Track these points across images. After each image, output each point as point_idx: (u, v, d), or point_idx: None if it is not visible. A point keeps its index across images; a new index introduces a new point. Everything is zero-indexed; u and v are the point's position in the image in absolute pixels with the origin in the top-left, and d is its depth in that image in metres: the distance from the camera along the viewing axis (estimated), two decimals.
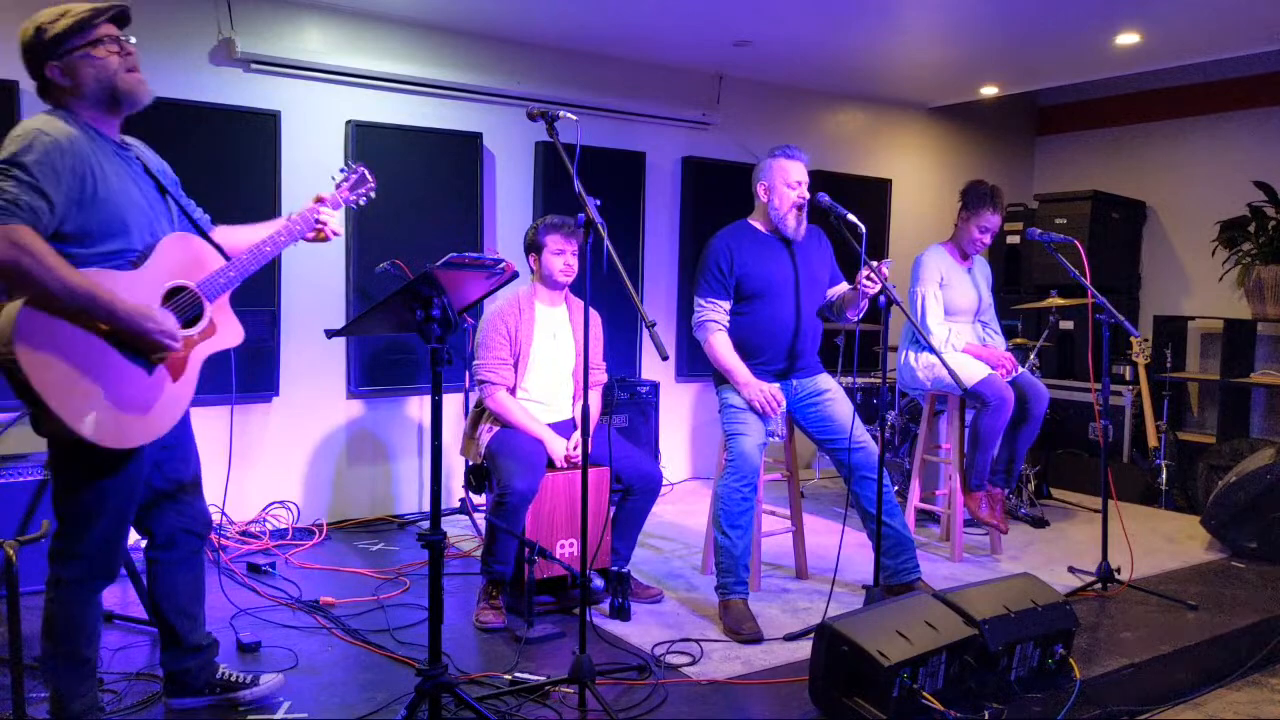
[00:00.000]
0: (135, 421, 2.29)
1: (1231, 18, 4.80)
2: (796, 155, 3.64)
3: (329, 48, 4.76)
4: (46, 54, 2.28)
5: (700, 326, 3.69)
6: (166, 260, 2.37)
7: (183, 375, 2.40)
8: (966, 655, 2.81)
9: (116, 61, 2.33)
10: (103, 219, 2.26)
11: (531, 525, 3.48)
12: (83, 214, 2.22)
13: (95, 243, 2.25)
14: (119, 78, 2.33)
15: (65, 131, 2.23)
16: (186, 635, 2.70)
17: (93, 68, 2.30)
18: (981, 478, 4.39)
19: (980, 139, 7.36)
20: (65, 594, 2.39)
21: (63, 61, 2.29)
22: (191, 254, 2.44)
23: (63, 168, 2.18)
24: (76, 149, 2.23)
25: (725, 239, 3.70)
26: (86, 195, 2.22)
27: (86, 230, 2.24)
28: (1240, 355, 6.23)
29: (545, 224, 3.68)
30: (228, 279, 2.46)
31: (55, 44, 2.27)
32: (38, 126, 2.21)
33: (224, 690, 2.75)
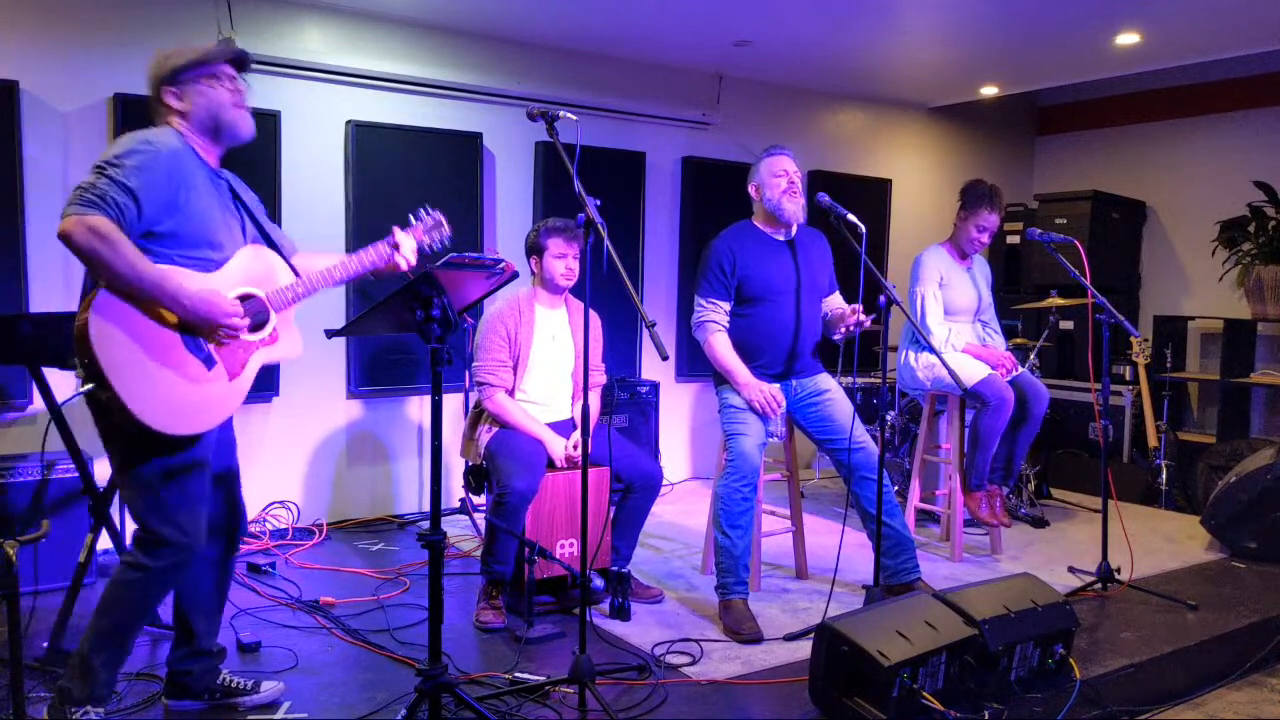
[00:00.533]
0: (187, 410, 2.41)
1: (1231, 18, 4.81)
2: (778, 151, 3.69)
3: (329, 48, 4.76)
4: (166, 80, 2.50)
5: (700, 327, 3.69)
6: (240, 268, 2.54)
7: (239, 375, 2.53)
8: (966, 655, 2.81)
9: (227, 96, 2.54)
10: (191, 228, 2.44)
11: (531, 525, 3.48)
12: (174, 219, 2.40)
13: (183, 246, 2.43)
14: (226, 110, 2.53)
15: (169, 145, 2.43)
16: (201, 636, 2.73)
17: (204, 97, 2.51)
18: (981, 478, 4.39)
19: (980, 139, 7.37)
20: (149, 579, 2.46)
21: (179, 88, 2.50)
22: (264, 266, 2.60)
23: (159, 174, 2.36)
24: (177, 161, 2.42)
25: (728, 240, 3.70)
26: (180, 202, 2.41)
27: (176, 234, 2.41)
28: (1240, 355, 6.23)
29: (547, 227, 3.67)
30: (295, 294, 2.62)
31: (176, 72, 2.49)
32: (146, 136, 2.41)
33: (225, 696, 2.77)
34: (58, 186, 4.16)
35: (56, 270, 4.15)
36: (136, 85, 4.22)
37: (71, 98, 4.18)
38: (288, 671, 3.02)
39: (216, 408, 2.47)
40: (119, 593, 2.47)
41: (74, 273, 4.19)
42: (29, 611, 3.38)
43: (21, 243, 4.04)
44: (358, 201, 4.81)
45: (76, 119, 4.19)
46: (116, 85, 4.22)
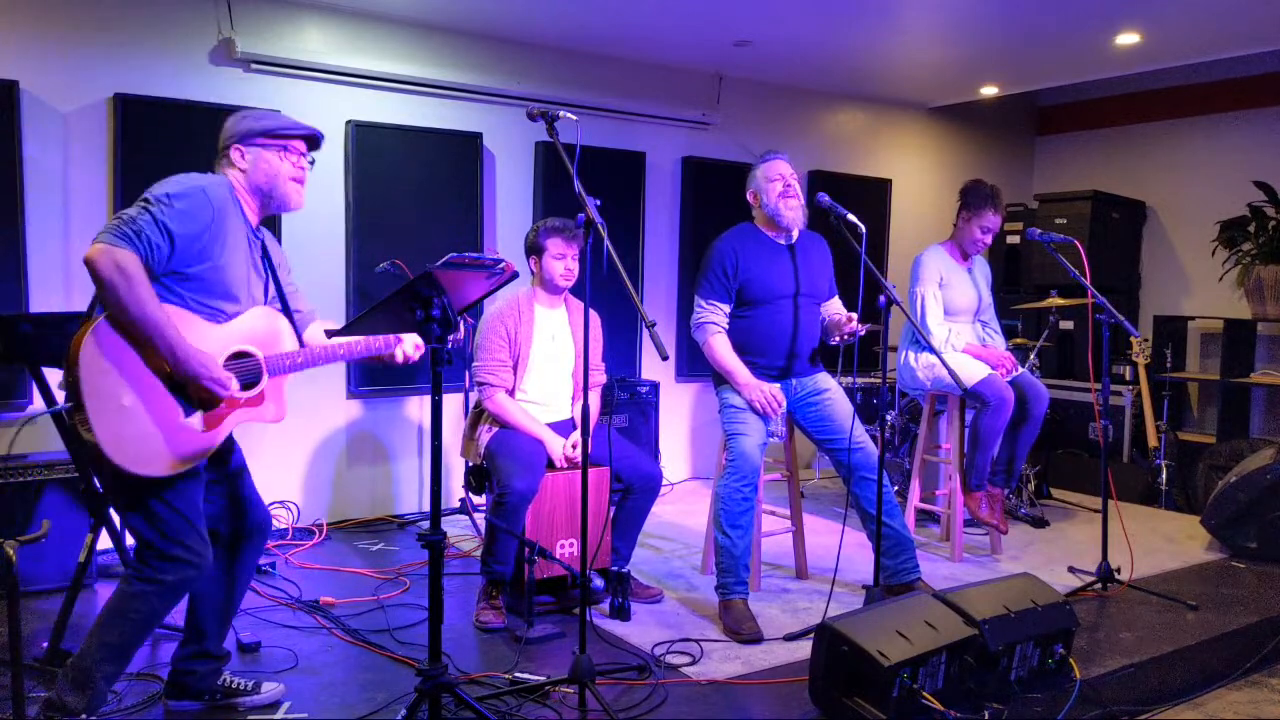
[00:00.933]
0: (152, 452, 2.38)
1: (1231, 18, 4.80)
2: (773, 156, 3.72)
3: (329, 48, 4.76)
4: (238, 138, 2.58)
5: (699, 328, 3.69)
6: (246, 326, 2.57)
7: (216, 429, 2.51)
8: (966, 655, 2.81)
9: (289, 170, 2.62)
10: (216, 278, 2.48)
11: (531, 525, 3.48)
12: (203, 265, 2.44)
13: (203, 293, 2.46)
14: (282, 183, 2.62)
15: (219, 196, 2.49)
16: (211, 638, 2.73)
17: (267, 164, 2.59)
18: (981, 478, 4.39)
19: (980, 139, 7.37)
20: (153, 593, 2.45)
21: (246, 148, 2.58)
22: (270, 328, 2.63)
23: (202, 220, 2.42)
24: (221, 213, 2.47)
25: (731, 241, 3.71)
26: (214, 252, 2.45)
27: (202, 280, 2.46)
28: (1240, 355, 6.23)
29: (546, 227, 3.67)
30: (293, 362, 2.64)
31: (249, 135, 2.58)
32: (203, 184, 2.47)
33: (225, 697, 2.77)
34: (58, 186, 4.16)
35: (56, 270, 4.16)
36: (136, 85, 4.24)
37: (71, 98, 4.18)
38: (288, 671, 3.02)
39: (182, 453, 2.44)
40: (127, 605, 2.45)
41: (74, 273, 4.19)
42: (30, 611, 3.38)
43: (21, 243, 4.04)
44: (358, 201, 4.81)
45: (76, 119, 4.19)
46: (116, 85, 4.22)
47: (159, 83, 4.32)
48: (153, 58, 4.33)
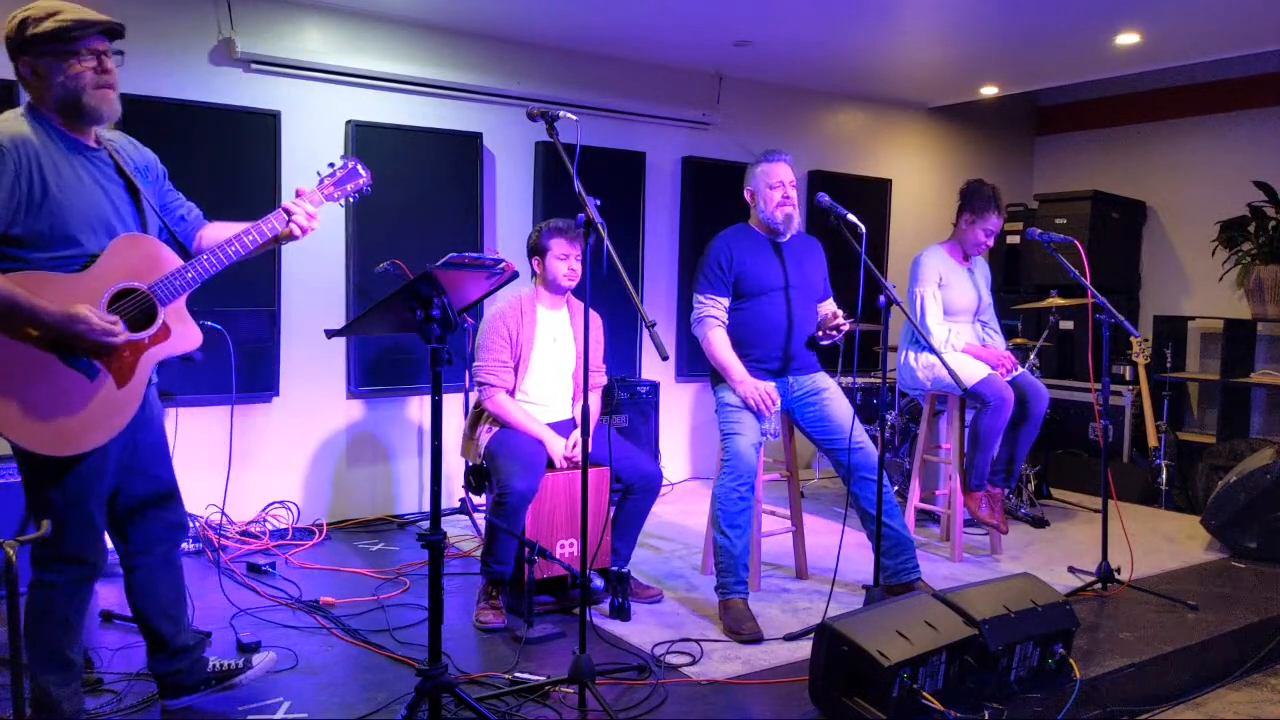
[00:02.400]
0: (75, 427, 2.24)
1: (1231, 18, 4.80)
2: (776, 157, 3.71)
3: (329, 48, 4.76)
4: (21, 49, 2.25)
5: (699, 322, 3.71)
6: (116, 262, 2.30)
7: (131, 379, 2.32)
8: (966, 655, 2.81)
9: (90, 76, 2.27)
10: (55, 223, 2.22)
11: (531, 525, 3.48)
12: (31, 217, 2.19)
13: (48, 247, 2.22)
14: (86, 92, 2.27)
15: (13, 133, 2.20)
16: (172, 638, 2.66)
17: (62, 75, 2.25)
18: (981, 478, 4.39)
19: (980, 139, 7.36)
20: (53, 598, 2.38)
21: (36, 61, 2.25)
22: (145, 255, 2.35)
23: (3, 171, 2.15)
24: (24, 152, 2.19)
25: (725, 239, 3.76)
26: (35, 199, 2.19)
27: (37, 234, 2.21)
28: (1240, 355, 6.23)
29: (550, 228, 3.67)
30: (184, 281, 2.37)
31: (32, 42, 2.24)
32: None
33: (219, 680, 2.72)
34: None
35: None
36: (136, 85, 4.24)
37: None
38: (288, 671, 3.02)
39: (108, 420, 2.29)
40: (34, 613, 2.37)
41: None
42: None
43: None
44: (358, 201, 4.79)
45: None
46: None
47: (159, 83, 4.32)
48: (153, 58, 4.33)
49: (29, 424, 2.19)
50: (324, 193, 2.64)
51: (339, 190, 2.67)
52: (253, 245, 2.47)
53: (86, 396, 2.25)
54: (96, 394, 2.27)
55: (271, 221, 2.50)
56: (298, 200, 2.56)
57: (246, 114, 4.48)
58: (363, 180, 2.71)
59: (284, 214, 2.52)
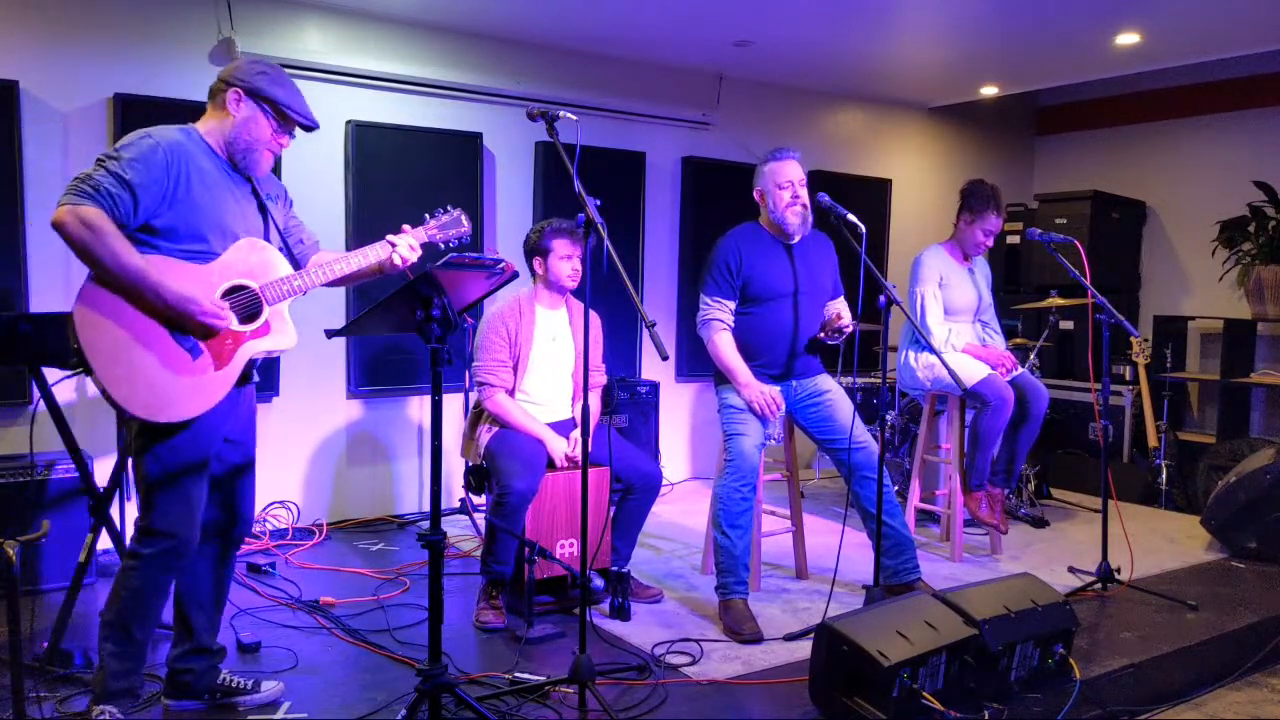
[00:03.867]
0: (170, 397, 2.43)
1: (1231, 18, 4.80)
2: (785, 155, 3.67)
3: (329, 48, 4.76)
4: (242, 85, 2.54)
5: (705, 324, 3.69)
6: (236, 260, 2.54)
7: (226, 366, 2.53)
8: (966, 655, 2.81)
9: (273, 144, 2.60)
10: (190, 221, 2.46)
11: (531, 525, 3.48)
12: (172, 212, 2.43)
13: (180, 240, 2.46)
14: (260, 147, 2.58)
15: (173, 138, 2.47)
16: (200, 633, 2.72)
17: (255, 124, 2.56)
18: (981, 478, 4.39)
19: (980, 139, 7.37)
20: (137, 569, 2.51)
21: (245, 100, 2.54)
22: (262, 259, 2.59)
23: (156, 165, 2.39)
24: (177, 153, 2.45)
25: (735, 239, 3.71)
26: (178, 195, 2.43)
27: (174, 228, 2.44)
28: (1240, 355, 6.23)
29: (552, 228, 3.67)
30: (291, 287, 2.61)
31: (258, 91, 2.54)
32: (149, 131, 2.45)
33: (225, 695, 2.77)
34: (58, 186, 4.11)
35: (57, 270, 4.15)
36: (136, 85, 4.24)
37: (71, 98, 4.18)
38: (288, 671, 3.02)
39: (200, 395, 2.48)
40: (118, 582, 2.52)
41: (74, 272, 4.19)
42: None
43: (21, 242, 4.04)
44: (358, 202, 4.81)
45: (76, 119, 4.19)
46: (116, 85, 4.22)
47: (159, 83, 4.32)
48: (153, 58, 4.33)
49: (131, 384, 2.38)
50: (428, 233, 2.86)
51: (441, 233, 2.90)
52: (355, 268, 2.71)
53: (186, 371, 2.46)
54: (195, 371, 2.47)
55: (375, 249, 2.74)
56: (402, 234, 2.79)
57: None
58: (464, 230, 2.93)
59: (388, 244, 2.74)
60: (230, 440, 2.67)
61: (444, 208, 2.94)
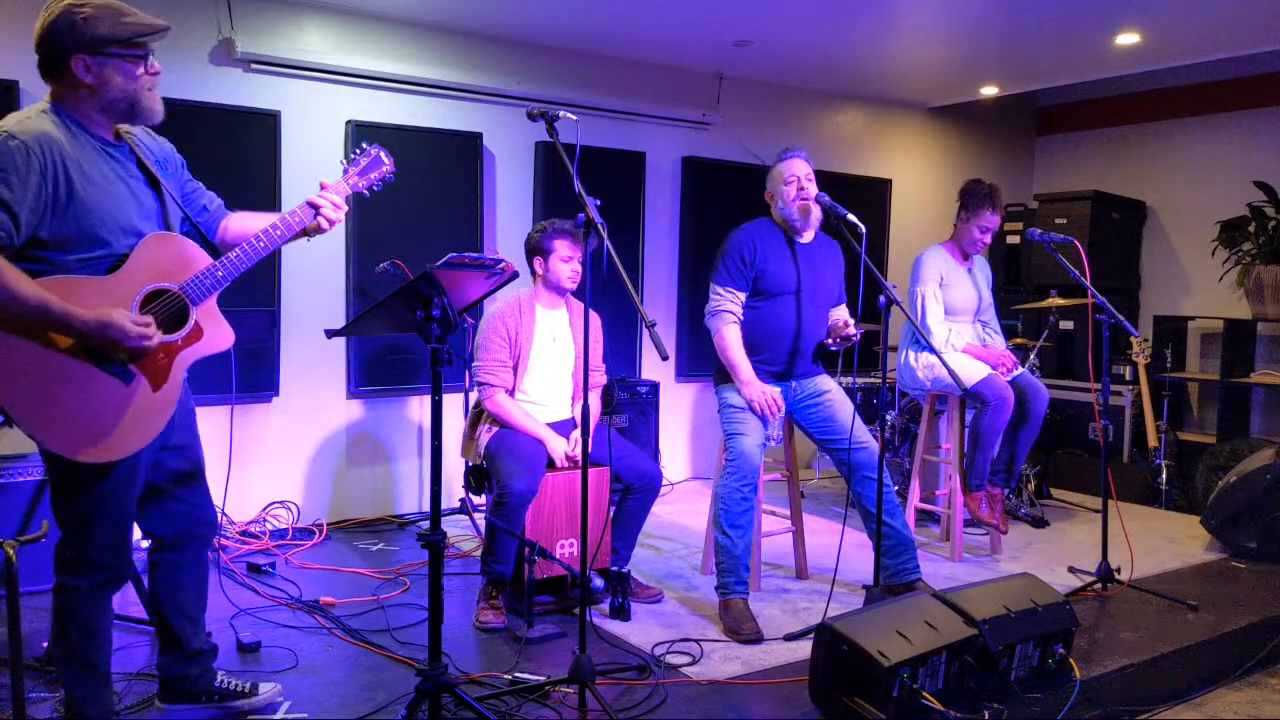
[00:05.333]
0: (111, 434, 2.21)
1: (1231, 18, 4.80)
2: (792, 154, 3.69)
3: (329, 48, 4.76)
4: (79, 45, 2.19)
5: (715, 315, 3.68)
6: (145, 262, 2.26)
7: (166, 382, 2.30)
8: (966, 655, 2.81)
9: (147, 80, 2.28)
10: (81, 224, 2.18)
11: (531, 525, 3.47)
12: (58, 220, 2.15)
13: (75, 249, 2.18)
14: (143, 95, 2.27)
15: (39, 130, 2.15)
16: (188, 639, 2.66)
17: (122, 76, 2.23)
18: (981, 478, 4.39)
19: (980, 139, 7.36)
20: (75, 601, 2.36)
21: (95, 59, 2.20)
22: (174, 254, 2.32)
23: (28, 173, 2.10)
24: (48, 152, 2.14)
25: (750, 232, 3.71)
26: (61, 200, 2.15)
27: (64, 236, 2.16)
28: (1240, 355, 6.23)
29: (553, 228, 3.66)
30: (215, 279, 2.33)
31: (95, 41, 2.19)
32: (9, 129, 2.13)
33: (221, 699, 2.72)
34: None
35: None
36: None
37: None
38: (288, 671, 3.02)
39: (146, 423, 2.26)
40: (59, 619, 2.37)
41: None
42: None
43: None
44: (357, 202, 4.81)
45: None
46: None
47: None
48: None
49: (68, 432, 2.15)
50: (349, 183, 2.60)
51: (364, 179, 2.63)
52: (280, 239, 2.42)
53: (124, 401, 2.22)
54: (133, 398, 2.24)
55: (298, 214, 2.46)
56: (323, 193, 2.51)
57: (246, 114, 4.48)
58: (386, 168, 2.66)
59: (310, 208, 2.48)
60: (169, 448, 2.48)
61: (358, 148, 2.65)
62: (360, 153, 2.65)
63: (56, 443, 2.15)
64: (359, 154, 2.64)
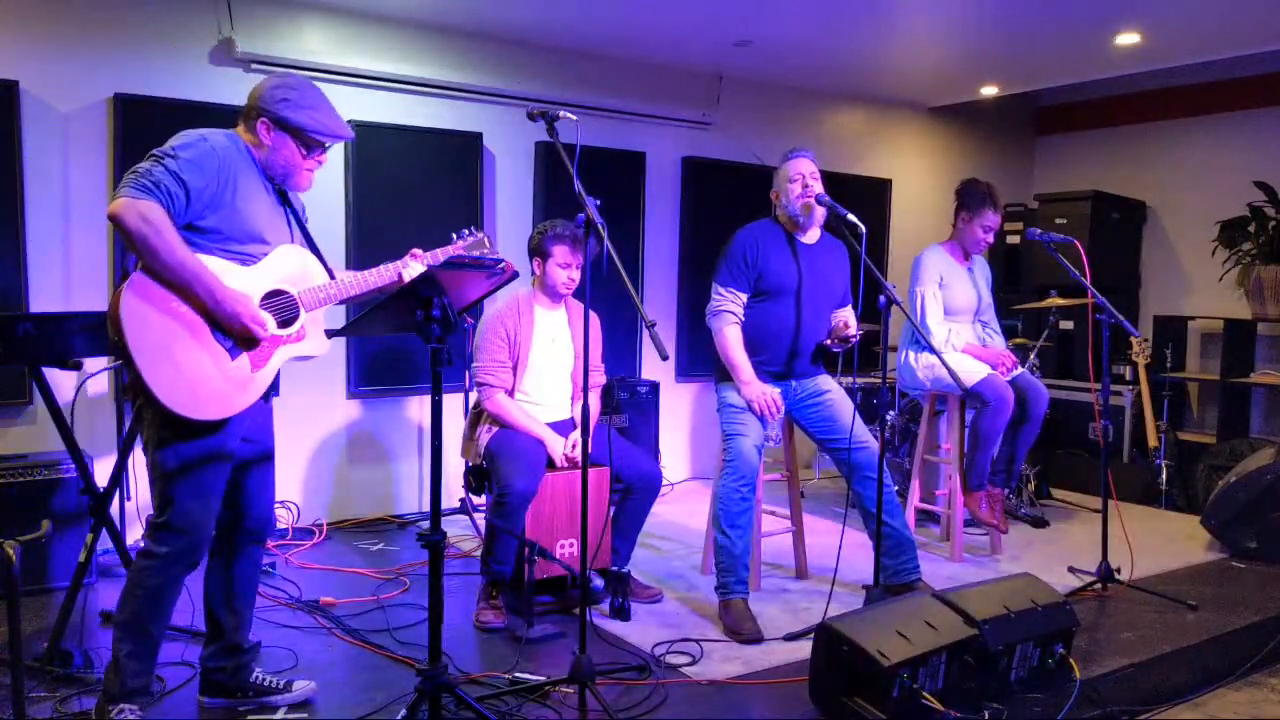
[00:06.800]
0: (207, 395, 2.45)
1: (1231, 18, 4.81)
2: (798, 154, 3.69)
3: (329, 48, 4.76)
4: (268, 115, 2.56)
5: (716, 315, 3.68)
6: (277, 265, 2.60)
7: (263, 367, 2.57)
8: (966, 655, 2.81)
9: (308, 164, 2.64)
10: (233, 224, 2.50)
11: (531, 525, 3.48)
12: (219, 214, 2.47)
13: (225, 240, 2.50)
14: (300, 173, 2.64)
15: (224, 144, 2.51)
16: (230, 632, 2.74)
17: (289, 152, 2.60)
18: (981, 478, 4.39)
19: (980, 139, 7.36)
20: (152, 567, 2.51)
21: (277, 131, 2.57)
22: (301, 265, 2.65)
23: (210, 169, 2.44)
24: (228, 160, 2.49)
25: (753, 232, 3.71)
26: (225, 199, 2.48)
27: (220, 229, 2.49)
28: (1240, 355, 6.23)
29: (554, 233, 3.66)
30: (326, 294, 2.67)
31: (283, 121, 2.56)
32: (204, 133, 2.49)
33: (257, 694, 2.78)
34: (58, 186, 4.16)
35: (56, 270, 4.16)
36: (136, 85, 4.24)
37: (71, 98, 4.18)
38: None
39: (236, 395, 2.51)
40: (132, 580, 2.53)
41: (74, 272, 4.19)
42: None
43: (21, 243, 4.04)
44: (358, 201, 4.81)
45: (76, 119, 4.19)
46: (116, 85, 4.22)
47: (159, 83, 4.32)
48: (153, 58, 4.33)
49: (173, 382, 2.39)
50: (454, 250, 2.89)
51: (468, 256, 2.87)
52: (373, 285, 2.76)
53: (226, 371, 2.49)
54: (234, 371, 2.51)
55: (390, 268, 2.80)
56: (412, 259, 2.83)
57: None
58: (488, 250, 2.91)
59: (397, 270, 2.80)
60: (247, 439, 2.68)
61: (471, 228, 2.99)
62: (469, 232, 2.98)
63: (162, 388, 2.37)
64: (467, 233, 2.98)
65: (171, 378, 2.39)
